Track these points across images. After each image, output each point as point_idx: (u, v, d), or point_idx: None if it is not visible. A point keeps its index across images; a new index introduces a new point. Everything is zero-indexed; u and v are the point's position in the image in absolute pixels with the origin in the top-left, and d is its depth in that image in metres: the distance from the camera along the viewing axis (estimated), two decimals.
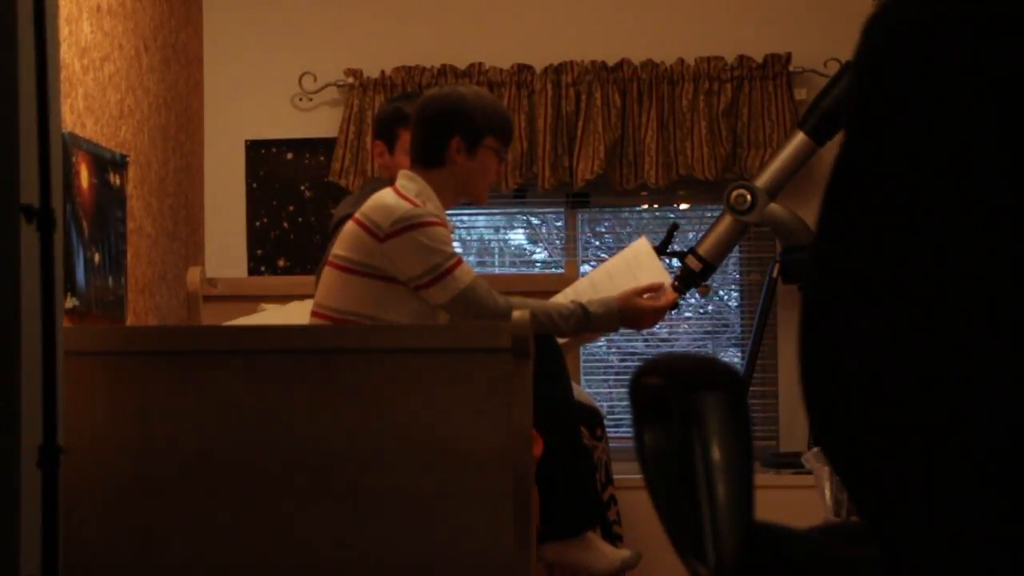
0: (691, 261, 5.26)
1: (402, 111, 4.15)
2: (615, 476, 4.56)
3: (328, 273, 3.71)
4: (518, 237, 5.88)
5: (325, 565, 3.39)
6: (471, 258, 5.78)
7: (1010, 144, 1.16)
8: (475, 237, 5.77)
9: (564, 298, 3.96)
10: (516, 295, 3.82)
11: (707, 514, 1.38)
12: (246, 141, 5.64)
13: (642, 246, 4.08)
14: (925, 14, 1.22)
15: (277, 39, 5.64)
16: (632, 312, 3.80)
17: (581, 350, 5.42)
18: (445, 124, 3.71)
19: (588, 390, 5.39)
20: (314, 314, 3.73)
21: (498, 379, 3.39)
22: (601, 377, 5.71)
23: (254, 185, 5.63)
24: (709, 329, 5.80)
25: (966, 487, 1.18)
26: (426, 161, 3.74)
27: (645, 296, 3.83)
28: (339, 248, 3.69)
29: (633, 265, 4.00)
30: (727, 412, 1.41)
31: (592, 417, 4.47)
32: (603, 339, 5.38)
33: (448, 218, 3.79)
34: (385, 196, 3.67)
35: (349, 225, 3.69)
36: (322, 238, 5.35)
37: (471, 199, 3.84)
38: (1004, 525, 1.17)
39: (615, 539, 4.31)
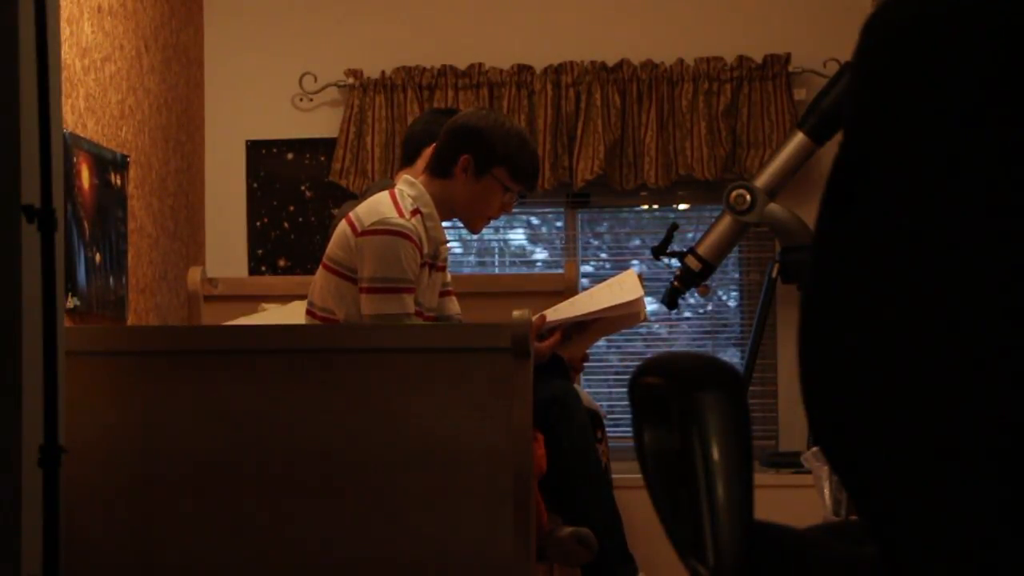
0: (691, 261, 5.27)
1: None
2: (615, 476, 4.56)
3: (318, 271, 3.74)
4: (518, 237, 5.88)
5: (325, 565, 3.39)
6: (471, 258, 5.78)
7: (1009, 143, 1.16)
8: (475, 237, 5.77)
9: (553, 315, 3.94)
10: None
11: (707, 514, 1.38)
12: (246, 141, 5.64)
13: (629, 274, 4.07)
14: (924, 14, 1.22)
15: (277, 39, 5.64)
16: None
17: None
18: (463, 139, 3.72)
19: (588, 390, 5.39)
20: (307, 312, 3.77)
21: (498, 379, 3.39)
22: (601, 377, 5.71)
23: (254, 185, 5.64)
24: (709, 329, 5.80)
25: (965, 486, 1.18)
26: (435, 169, 3.76)
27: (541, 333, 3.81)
28: (329, 246, 3.73)
29: (615, 285, 3.98)
30: (727, 412, 1.41)
31: (593, 419, 4.47)
32: (603, 339, 5.37)
33: (444, 230, 3.79)
34: (380, 198, 3.70)
35: (342, 223, 3.72)
36: (322, 238, 5.35)
37: (464, 222, 3.83)
38: (1003, 524, 1.17)
39: None
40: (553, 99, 5.45)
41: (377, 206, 3.66)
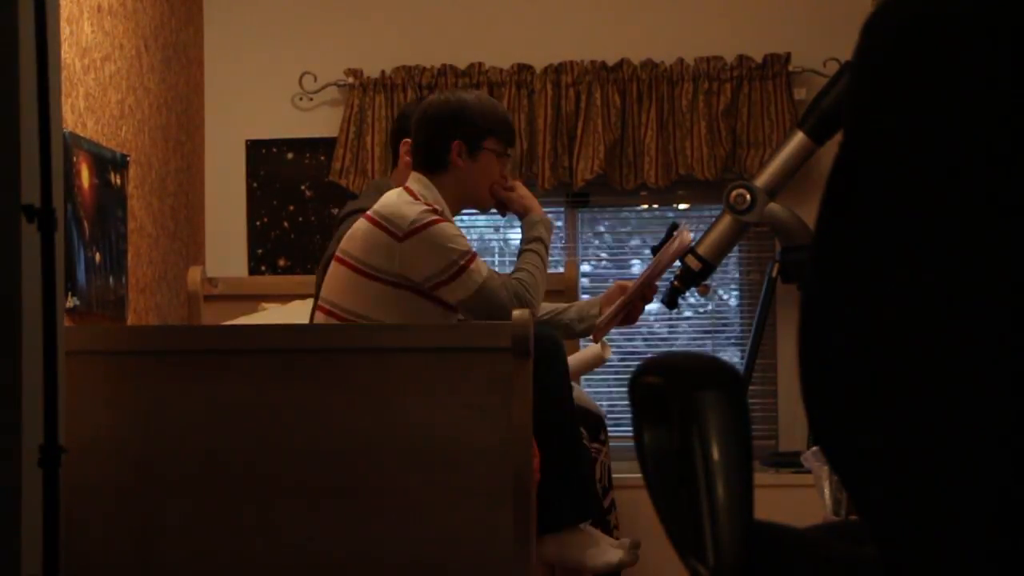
0: (691, 261, 5.26)
1: None
2: (615, 476, 4.55)
3: (340, 270, 3.64)
4: (518, 237, 5.87)
5: (325, 564, 3.39)
6: None
7: (1009, 144, 1.16)
8: (475, 236, 5.77)
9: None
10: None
11: (707, 514, 1.38)
12: (246, 141, 5.64)
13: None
14: (924, 14, 1.22)
15: (277, 39, 5.64)
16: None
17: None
18: (446, 127, 3.70)
19: (588, 390, 5.39)
20: (322, 309, 3.66)
21: (498, 379, 3.39)
22: (601, 377, 5.71)
23: (254, 185, 5.64)
24: (709, 329, 5.80)
25: (964, 486, 1.18)
26: (429, 166, 3.72)
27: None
28: (352, 248, 3.62)
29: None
30: (727, 412, 1.41)
31: (594, 421, 4.47)
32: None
33: (457, 224, 3.79)
34: (401, 196, 3.64)
35: (362, 224, 3.63)
36: (322, 238, 5.35)
37: (474, 204, 3.82)
38: (1003, 524, 1.17)
39: None
40: (553, 99, 5.45)
41: (404, 207, 3.60)
